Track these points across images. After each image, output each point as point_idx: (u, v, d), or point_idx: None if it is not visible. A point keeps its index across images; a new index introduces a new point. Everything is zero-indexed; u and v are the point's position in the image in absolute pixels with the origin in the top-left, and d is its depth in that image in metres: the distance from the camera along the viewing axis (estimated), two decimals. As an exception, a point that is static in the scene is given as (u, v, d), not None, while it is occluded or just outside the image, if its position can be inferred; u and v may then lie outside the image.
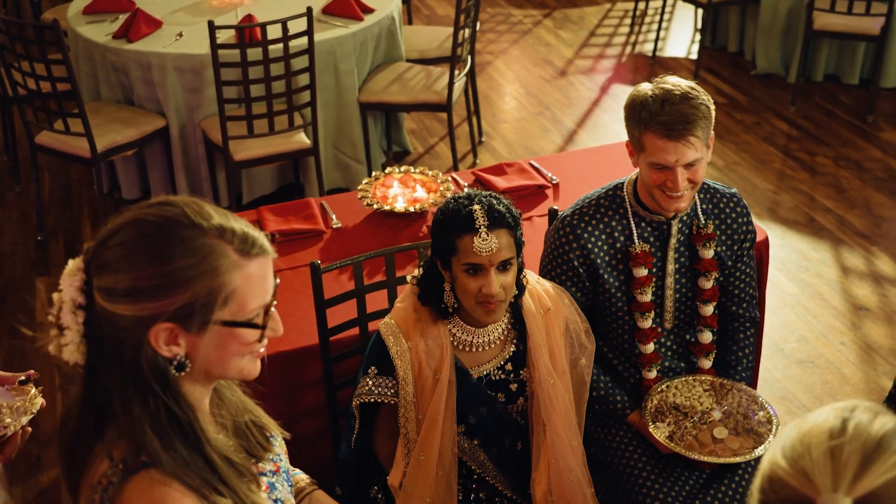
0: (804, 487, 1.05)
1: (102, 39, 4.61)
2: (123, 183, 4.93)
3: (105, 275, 1.37)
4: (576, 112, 5.89)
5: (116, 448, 1.40)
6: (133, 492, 1.37)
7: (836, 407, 1.11)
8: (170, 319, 1.36)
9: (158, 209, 1.40)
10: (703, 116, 2.31)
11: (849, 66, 6.04)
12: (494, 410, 2.29)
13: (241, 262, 1.40)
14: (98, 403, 1.42)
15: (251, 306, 1.41)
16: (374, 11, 4.90)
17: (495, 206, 2.18)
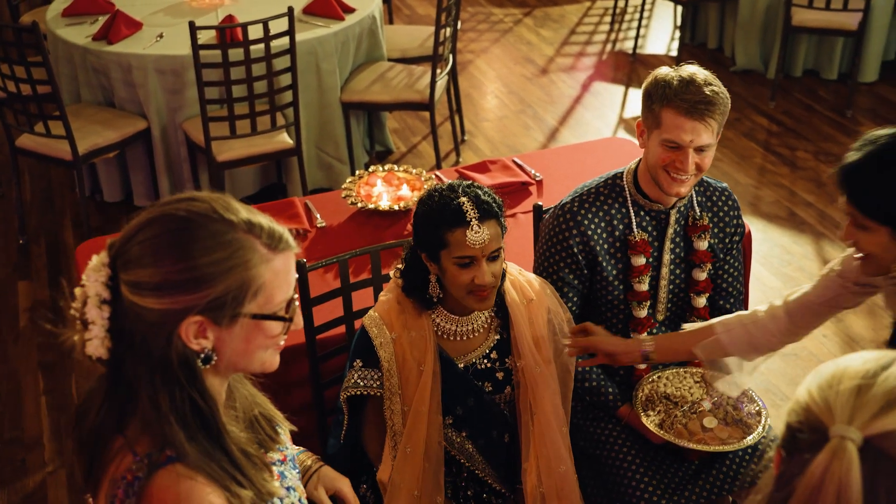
0: (822, 415, 1.08)
1: (82, 41, 4.59)
2: (105, 185, 4.91)
3: (134, 269, 1.38)
4: (557, 110, 5.91)
5: (140, 443, 1.41)
6: (160, 486, 1.38)
7: (882, 355, 1.13)
8: (201, 313, 1.38)
9: (187, 204, 1.41)
10: (722, 103, 2.35)
11: (827, 61, 6.09)
12: (482, 401, 2.30)
13: (268, 256, 1.41)
14: (121, 398, 1.42)
15: (277, 299, 1.43)
16: (354, 11, 4.89)
17: (482, 196, 2.19)
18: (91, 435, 1.46)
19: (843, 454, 1.04)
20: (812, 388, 1.12)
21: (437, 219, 2.16)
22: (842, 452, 1.05)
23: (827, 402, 1.09)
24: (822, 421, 1.08)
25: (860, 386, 1.09)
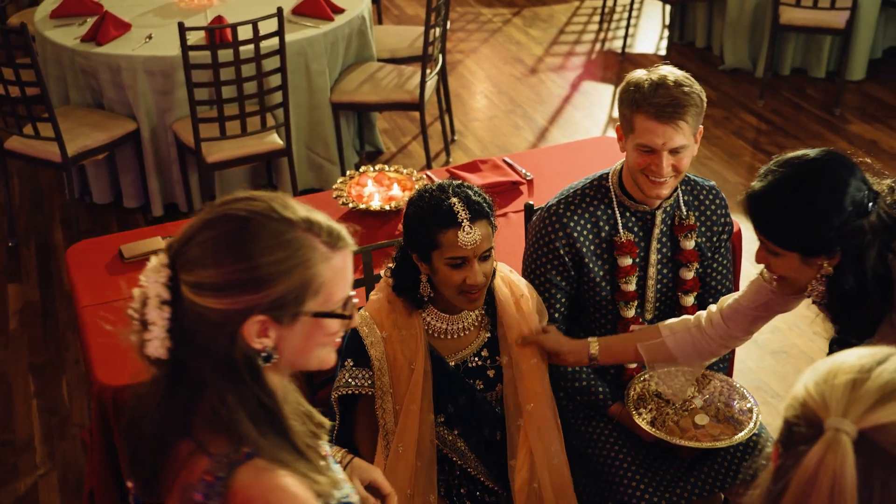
0: (818, 408, 1.09)
1: (71, 43, 4.57)
2: (94, 187, 4.89)
3: (195, 270, 1.38)
4: (547, 109, 5.92)
5: (213, 444, 1.40)
6: (244, 482, 1.37)
7: (877, 350, 1.14)
8: (263, 312, 1.38)
9: (246, 203, 1.41)
10: (693, 104, 2.34)
11: (815, 59, 6.12)
12: (473, 399, 2.30)
13: (328, 254, 1.42)
14: (183, 400, 1.41)
15: (336, 297, 1.44)
16: (344, 11, 4.89)
17: (472, 197, 2.19)
18: (153, 441, 1.44)
19: (838, 447, 1.05)
20: (808, 383, 1.13)
21: (428, 220, 2.17)
22: (836, 445, 1.05)
23: (822, 396, 1.10)
24: (818, 414, 1.09)
25: (855, 380, 1.09)
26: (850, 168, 1.90)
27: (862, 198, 1.85)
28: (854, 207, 1.85)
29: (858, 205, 1.85)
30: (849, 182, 1.86)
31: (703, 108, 2.39)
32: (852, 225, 1.84)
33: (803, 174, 1.90)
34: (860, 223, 1.84)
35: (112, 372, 2.62)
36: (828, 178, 1.87)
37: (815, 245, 1.89)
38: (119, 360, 2.66)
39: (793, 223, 1.90)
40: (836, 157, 1.92)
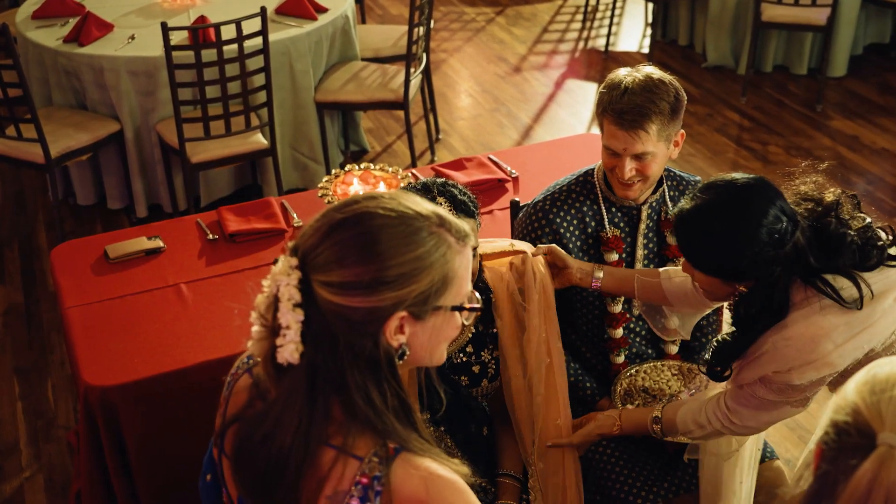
0: (872, 420, 1.06)
1: (53, 44, 4.55)
2: (78, 189, 4.87)
3: (337, 269, 1.37)
4: (531, 108, 5.93)
5: (358, 446, 1.38)
6: (401, 476, 1.37)
7: None
8: (406, 308, 1.39)
9: (377, 202, 1.41)
10: (659, 112, 2.32)
11: (797, 56, 6.15)
12: (459, 395, 2.30)
13: (458, 248, 1.43)
14: (322, 405, 1.39)
15: (465, 290, 1.46)
16: (327, 11, 4.89)
17: (458, 196, 2.19)
18: (297, 452, 1.38)
19: (892, 463, 1.02)
20: (863, 389, 1.09)
21: None
22: (890, 461, 1.02)
23: (878, 407, 1.06)
24: (871, 426, 1.06)
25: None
26: (772, 198, 1.90)
27: (779, 229, 1.87)
28: (770, 238, 1.86)
29: (774, 236, 1.86)
30: (767, 213, 1.87)
31: (676, 114, 2.36)
32: (766, 256, 1.86)
33: (725, 201, 1.91)
34: (773, 254, 1.86)
35: (98, 372, 2.61)
36: (747, 208, 1.88)
37: (728, 271, 1.93)
38: (105, 361, 2.66)
39: (709, 249, 1.93)
40: (760, 187, 1.92)
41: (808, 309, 1.89)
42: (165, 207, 4.77)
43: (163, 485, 2.75)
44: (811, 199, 1.95)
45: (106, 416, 2.60)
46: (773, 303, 1.91)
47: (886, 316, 1.87)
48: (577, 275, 2.43)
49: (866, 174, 5.09)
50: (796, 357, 1.87)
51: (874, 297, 1.87)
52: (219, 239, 3.16)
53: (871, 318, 1.86)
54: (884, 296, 1.88)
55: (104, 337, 2.75)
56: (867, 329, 1.85)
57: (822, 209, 1.93)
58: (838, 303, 1.85)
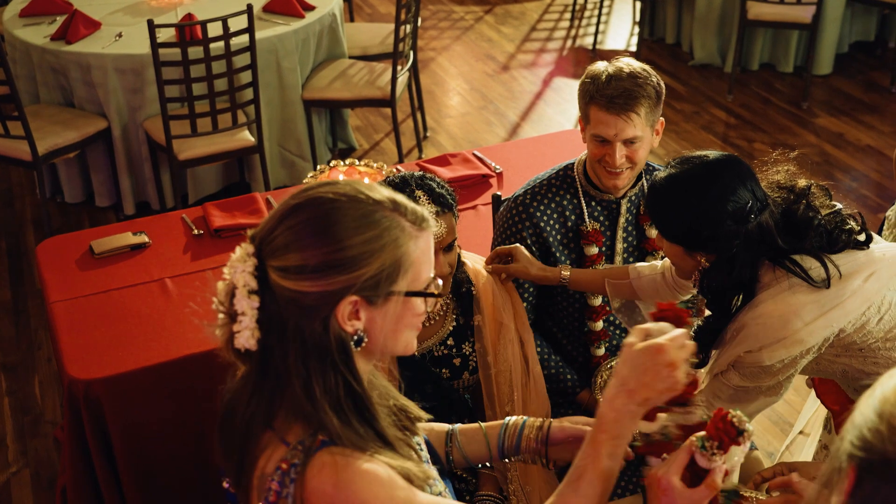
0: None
1: (40, 42, 4.56)
2: (66, 186, 4.88)
3: (286, 255, 1.37)
4: (519, 105, 5.95)
5: (290, 432, 1.40)
6: (317, 468, 1.37)
7: None
8: (357, 292, 1.38)
9: (330, 187, 1.42)
10: (647, 96, 2.36)
11: (783, 54, 6.19)
12: (440, 387, 2.32)
13: (414, 233, 1.43)
14: (270, 389, 1.41)
15: (423, 277, 1.45)
16: (314, 9, 4.91)
17: (436, 189, 2.21)
18: (241, 431, 1.44)
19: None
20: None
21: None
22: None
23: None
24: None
25: None
26: (743, 176, 1.94)
27: (744, 206, 1.91)
28: (734, 214, 1.91)
29: (739, 212, 1.91)
30: (735, 188, 1.92)
31: (660, 100, 2.41)
32: (727, 228, 1.91)
33: (696, 175, 1.96)
34: (735, 229, 1.91)
35: (83, 366, 2.63)
36: (716, 183, 1.93)
37: (691, 242, 1.97)
38: (90, 355, 2.67)
39: (675, 219, 1.98)
40: (731, 164, 1.97)
41: (777, 287, 1.93)
42: (153, 205, 4.78)
43: (147, 478, 2.76)
44: (784, 188, 1.99)
45: (90, 409, 2.62)
46: (735, 278, 1.95)
47: (856, 296, 1.90)
48: (538, 274, 2.45)
49: (851, 171, 5.12)
50: (766, 335, 1.91)
51: (842, 276, 1.91)
52: (204, 234, 3.18)
53: (840, 297, 1.89)
54: (853, 276, 1.91)
55: (89, 331, 2.76)
56: (836, 307, 1.89)
57: (794, 196, 1.97)
58: (807, 281, 1.89)
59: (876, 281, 1.92)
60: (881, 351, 1.96)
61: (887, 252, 1.96)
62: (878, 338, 1.94)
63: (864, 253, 1.95)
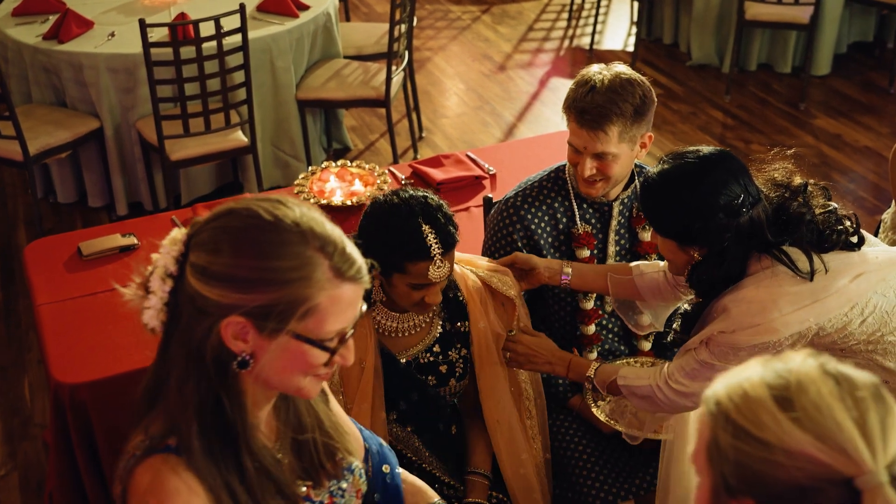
0: (845, 466, 1.00)
1: (32, 41, 4.53)
2: (59, 187, 4.85)
3: (203, 252, 1.36)
4: (515, 106, 5.92)
5: (155, 423, 1.40)
6: (144, 469, 1.37)
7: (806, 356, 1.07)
8: (246, 315, 1.34)
9: (272, 205, 1.39)
10: (620, 114, 2.30)
11: (781, 55, 6.16)
12: (426, 395, 2.28)
13: (333, 281, 1.36)
14: (160, 374, 1.42)
15: (328, 328, 1.38)
16: (309, 8, 4.87)
17: (443, 224, 2.09)
18: (136, 407, 1.46)
19: (890, 497, 0.99)
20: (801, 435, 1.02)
21: (396, 245, 2.07)
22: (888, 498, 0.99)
23: (843, 451, 1.00)
24: (844, 473, 1.00)
25: (855, 420, 1.02)
26: (735, 170, 1.95)
27: (735, 199, 1.90)
28: (726, 207, 1.91)
29: (730, 206, 1.90)
30: (727, 181, 1.92)
31: (641, 118, 2.35)
32: (719, 222, 1.90)
33: (687, 169, 1.96)
34: (726, 222, 1.90)
35: (69, 370, 2.59)
36: (708, 177, 1.93)
37: (684, 236, 1.97)
38: (76, 359, 2.64)
39: (668, 213, 1.98)
40: (723, 158, 1.97)
41: (762, 275, 1.93)
42: (146, 205, 4.75)
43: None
44: (781, 185, 1.98)
45: (76, 413, 2.58)
46: (725, 271, 1.95)
47: (839, 296, 1.89)
48: (545, 273, 2.42)
49: (849, 172, 5.09)
50: (743, 319, 1.90)
51: (830, 273, 1.90)
52: (193, 236, 3.14)
53: (821, 294, 1.88)
54: (839, 275, 1.90)
55: (75, 334, 2.73)
56: (816, 303, 1.88)
57: (790, 193, 1.95)
58: (792, 270, 1.88)
59: (863, 282, 1.91)
60: (863, 353, 1.95)
61: (881, 255, 1.95)
62: (859, 340, 1.93)
63: (857, 254, 1.95)
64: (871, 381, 1.07)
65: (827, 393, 1.04)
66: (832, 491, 1.01)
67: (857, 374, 1.07)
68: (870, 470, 1.00)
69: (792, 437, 1.02)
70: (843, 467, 1.00)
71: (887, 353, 1.94)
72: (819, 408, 1.03)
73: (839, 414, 1.02)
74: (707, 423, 1.09)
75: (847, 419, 1.02)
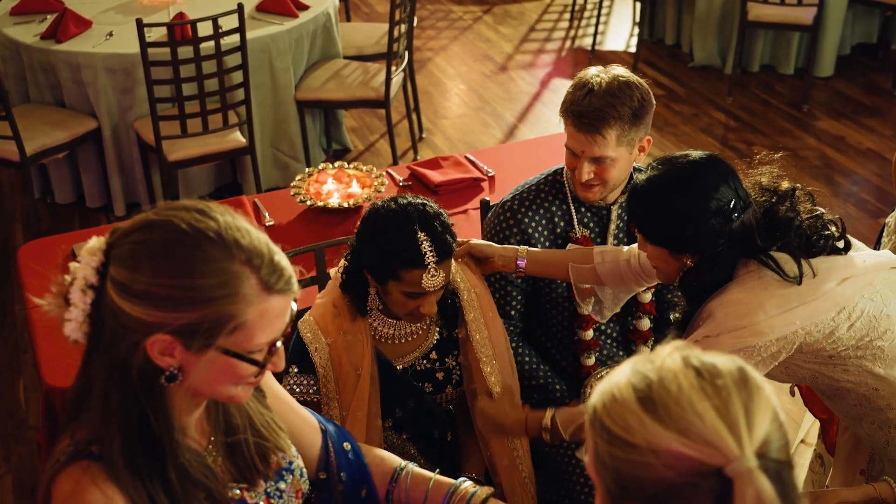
0: (711, 457, 1.01)
1: (30, 40, 4.51)
2: (57, 187, 4.83)
3: (122, 268, 1.31)
4: (516, 107, 5.89)
5: (81, 429, 1.37)
6: (65, 477, 1.34)
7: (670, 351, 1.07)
8: (172, 333, 1.31)
9: (193, 217, 1.33)
10: (618, 118, 2.27)
11: (784, 56, 6.13)
12: (422, 402, 2.25)
13: (261, 295, 1.32)
14: (84, 384, 1.38)
15: (257, 340, 1.34)
16: (308, 8, 4.85)
17: (439, 232, 2.06)
18: (65, 411, 1.43)
19: (760, 482, 0.99)
20: (664, 433, 1.02)
21: (391, 252, 2.05)
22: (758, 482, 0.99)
23: (709, 443, 1.01)
24: (713, 464, 1.01)
25: (716, 408, 1.02)
26: (724, 174, 1.91)
27: (726, 204, 1.87)
28: (718, 212, 1.87)
29: (722, 211, 1.87)
30: (717, 187, 1.88)
31: (640, 121, 2.31)
32: (711, 228, 1.87)
33: (677, 175, 1.92)
34: (719, 228, 1.87)
35: (60, 373, 2.57)
36: (697, 182, 1.89)
37: (676, 243, 1.93)
38: (67, 362, 2.61)
39: (658, 221, 1.93)
40: (712, 162, 1.93)
41: (748, 277, 1.90)
42: (144, 206, 4.72)
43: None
44: (768, 190, 1.95)
45: (67, 417, 2.56)
46: (715, 277, 1.92)
47: (826, 299, 1.86)
48: (498, 262, 2.36)
49: (851, 175, 5.05)
50: (729, 322, 1.87)
51: (817, 277, 1.87)
52: (189, 238, 3.12)
53: (808, 297, 1.86)
54: (826, 278, 1.88)
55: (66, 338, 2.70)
56: (802, 306, 1.85)
57: (777, 198, 1.93)
58: (778, 274, 1.86)
59: (850, 286, 1.88)
60: (852, 360, 1.92)
61: (868, 260, 1.93)
62: (848, 346, 1.90)
63: (843, 258, 1.92)
64: (735, 366, 1.06)
65: (688, 386, 1.04)
66: (705, 483, 1.00)
67: (722, 360, 1.07)
68: (736, 457, 1.00)
69: (657, 436, 1.02)
70: (710, 459, 1.00)
71: (876, 359, 1.92)
72: (680, 403, 1.02)
73: (700, 405, 1.02)
74: (589, 433, 1.09)
75: (709, 409, 1.02)
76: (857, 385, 1.95)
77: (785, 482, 1.03)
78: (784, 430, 1.05)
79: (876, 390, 1.95)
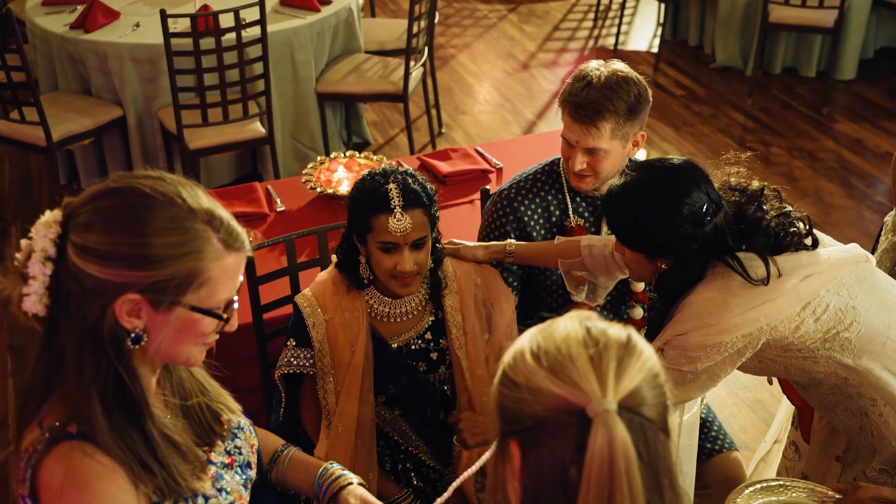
0: (575, 397, 1.08)
1: (60, 30, 4.63)
2: (83, 173, 4.95)
3: (85, 232, 1.36)
4: (536, 104, 5.94)
5: (49, 415, 1.39)
6: (52, 460, 1.36)
7: (574, 317, 1.16)
8: (140, 292, 1.36)
9: (154, 182, 1.40)
10: (614, 111, 2.32)
11: (806, 58, 6.13)
12: (415, 380, 2.32)
13: (222, 251, 1.40)
14: (51, 361, 1.40)
15: (219, 297, 1.42)
16: (331, 3, 4.94)
17: (410, 184, 2.18)
18: (23, 400, 1.44)
19: (615, 426, 1.05)
20: (539, 371, 1.11)
21: (364, 202, 2.17)
22: (613, 425, 1.05)
23: (574, 383, 1.08)
24: (576, 403, 1.08)
25: (591, 357, 1.10)
26: (697, 179, 1.94)
27: (700, 208, 1.91)
28: (690, 216, 1.90)
29: (695, 215, 1.90)
30: (690, 192, 1.91)
31: (635, 116, 2.36)
32: (685, 233, 1.90)
33: (651, 181, 1.95)
34: (692, 233, 1.90)
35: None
36: (671, 186, 1.92)
37: (651, 248, 1.97)
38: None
39: (633, 223, 1.97)
40: (686, 168, 1.96)
41: (714, 277, 1.94)
42: (166, 193, 4.82)
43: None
44: (737, 189, 1.99)
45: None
46: (688, 278, 1.97)
47: (789, 295, 1.90)
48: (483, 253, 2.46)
49: (867, 177, 5.06)
50: (696, 320, 1.92)
51: (781, 275, 1.91)
52: (202, 221, 3.21)
53: (771, 294, 1.90)
54: (789, 275, 1.92)
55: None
56: (766, 303, 1.89)
57: (746, 198, 1.97)
58: (745, 278, 1.89)
59: (813, 282, 1.92)
60: (821, 351, 1.96)
61: (832, 255, 1.97)
62: (815, 339, 1.94)
63: (808, 254, 1.96)
64: (625, 334, 1.14)
65: (573, 338, 1.12)
66: (567, 419, 1.08)
67: (614, 329, 1.15)
68: (597, 398, 1.07)
69: (535, 375, 1.11)
70: (574, 398, 1.08)
71: (844, 350, 1.96)
72: (559, 349, 1.11)
73: (575, 351, 1.10)
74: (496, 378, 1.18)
75: (582, 355, 1.10)
76: (827, 375, 2.00)
77: (648, 439, 1.09)
78: (664, 397, 1.13)
79: (846, 380, 1.99)
